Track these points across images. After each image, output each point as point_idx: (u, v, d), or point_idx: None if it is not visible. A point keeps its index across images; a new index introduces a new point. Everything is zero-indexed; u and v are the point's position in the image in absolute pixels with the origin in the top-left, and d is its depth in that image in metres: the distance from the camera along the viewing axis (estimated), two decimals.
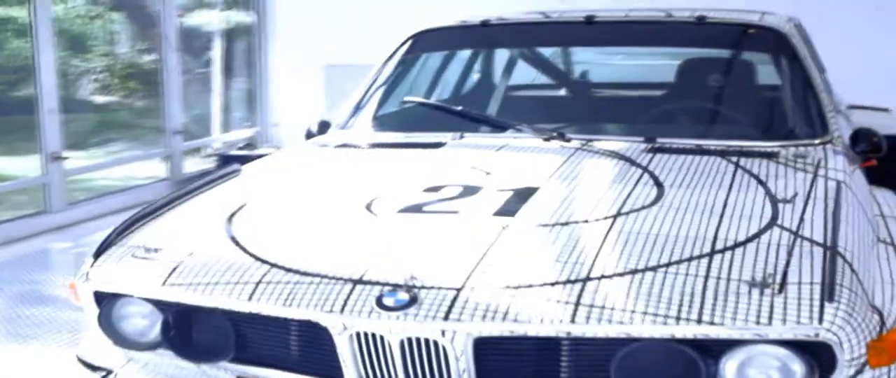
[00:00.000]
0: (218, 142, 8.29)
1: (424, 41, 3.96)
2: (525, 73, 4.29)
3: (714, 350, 1.97)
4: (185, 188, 2.84)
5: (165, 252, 2.37)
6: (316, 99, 8.42)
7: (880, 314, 2.01)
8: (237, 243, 2.37)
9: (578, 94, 4.25)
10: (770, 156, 3.01)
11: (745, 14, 3.76)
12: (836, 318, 1.92)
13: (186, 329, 2.27)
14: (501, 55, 4.23)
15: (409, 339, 2.02)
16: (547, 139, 3.19)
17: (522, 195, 2.58)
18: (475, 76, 4.28)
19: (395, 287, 2.07)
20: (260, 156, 3.15)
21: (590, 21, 3.71)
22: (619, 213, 2.44)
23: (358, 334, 2.05)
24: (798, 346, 1.95)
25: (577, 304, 1.99)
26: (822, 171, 2.85)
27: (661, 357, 1.98)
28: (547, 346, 2.01)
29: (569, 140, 3.16)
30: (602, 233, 2.31)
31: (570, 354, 2.02)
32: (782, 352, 1.96)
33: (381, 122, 3.67)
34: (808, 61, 3.51)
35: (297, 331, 2.16)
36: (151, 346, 2.34)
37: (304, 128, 7.92)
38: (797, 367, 1.95)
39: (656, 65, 4.87)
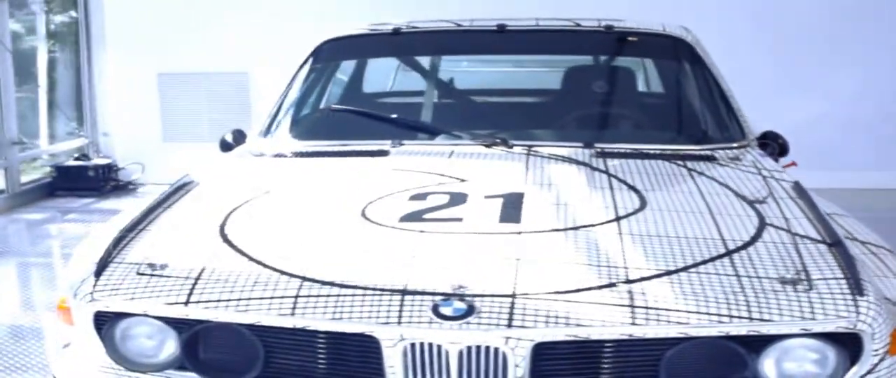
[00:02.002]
0: (47, 153, 7.85)
1: (333, 49, 3.89)
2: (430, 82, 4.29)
3: (755, 345, 2.05)
4: (147, 203, 2.70)
5: (174, 268, 2.24)
6: (149, 108, 8.12)
7: (895, 305, 2.15)
8: (250, 257, 2.27)
9: (504, 101, 4.29)
10: (708, 159, 3.16)
11: (646, 25, 3.91)
12: (869, 311, 2.05)
13: (208, 348, 2.16)
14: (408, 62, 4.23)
15: (469, 348, 2.00)
16: (488, 145, 3.21)
17: (513, 202, 2.59)
18: (390, 83, 4.25)
19: (448, 296, 2.05)
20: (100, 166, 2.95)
21: (502, 29, 3.77)
22: (618, 217, 2.50)
23: (413, 345, 2.01)
24: (830, 338, 2.06)
25: (633, 306, 2.03)
26: (765, 173, 3.01)
27: (709, 354, 2.05)
28: (598, 348, 2.04)
29: (511, 146, 3.20)
30: (615, 236, 2.36)
31: (620, 355, 2.05)
32: (816, 344, 2.07)
33: (306, 130, 3.58)
34: (715, 68, 3.71)
35: (333, 344, 2.09)
36: (160, 368, 2.20)
37: (135, 138, 7.67)
38: (831, 357, 2.07)
39: (535, 72, 4.99)
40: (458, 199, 2.62)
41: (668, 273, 2.15)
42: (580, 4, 4.72)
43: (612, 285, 2.09)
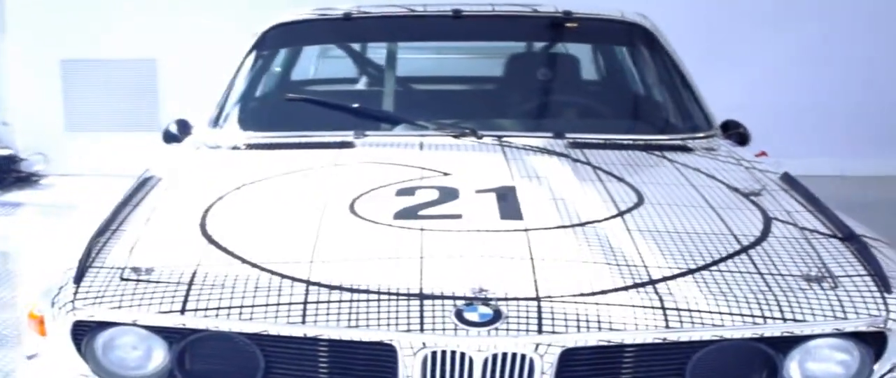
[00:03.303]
0: None
1: (281, 34, 3.71)
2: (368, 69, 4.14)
3: (782, 346, 1.98)
4: (112, 201, 2.49)
5: (161, 273, 2.05)
6: (52, 96, 7.73)
7: None
8: (243, 259, 2.10)
9: (469, 88, 4.16)
10: (684, 149, 3.09)
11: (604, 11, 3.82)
12: None
13: (201, 359, 1.99)
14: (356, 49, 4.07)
15: (494, 356, 1.87)
16: (457, 136, 3.09)
17: (507, 196, 2.47)
18: (344, 70, 4.08)
19: (471, 301, 1.91)
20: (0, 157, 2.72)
21: (457, 15, 3.64)
22: (621, 212, 2.40)
23: (435, 353, 1.87)
24: (855, 336, 1.99)
25: (664, 308, 1.93)
26: (746, 163, 2.96)
27: (736, 356, 1.99)
28: (625, 352, 1.94)
29: (480, 137, 3.07)
30: (624, 232, 2.27)
31: (646, 359, 1.95)
32: (842, 343, 2.01)
33: (259, 121, 3.40)
34: (676, 55, 3.64)
35: (341, 354, 1.94)
36: None
37: (37, 127, 7.31)
38: (855, 356, 2.01)
39: (459, 59, 4.84)
40: (448, 194, 2.49)
41: (691, 272, 2.07)
42: None
43: (638, 286, 2.00)
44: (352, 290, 1.95)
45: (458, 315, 1.89)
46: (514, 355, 1.87)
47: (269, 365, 1.96)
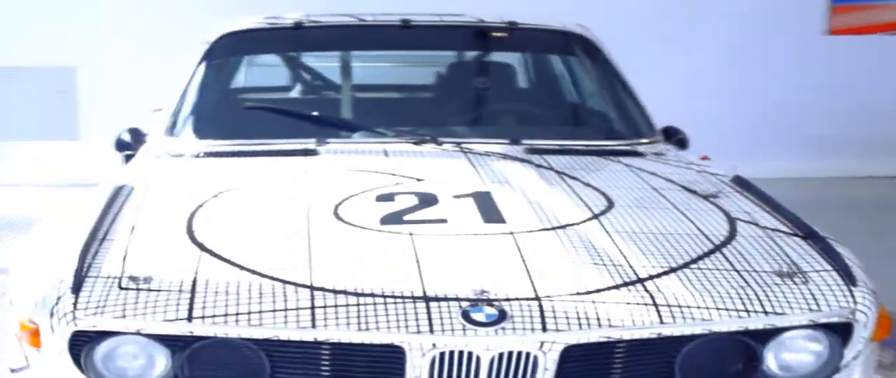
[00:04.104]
0: None
1: (234, 42, 3.72)
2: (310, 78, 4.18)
3: (762, 338, 2.11)
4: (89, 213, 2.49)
5: (160, 281, 2.07)
6: None
7: (874, 293, 2.25)
8: (241, 266, 2.13)
9: (421, 97, 4.22)
10: (636, 154, 3.22)
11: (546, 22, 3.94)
12: (864, 300, 2.16)
13: (204, 366, 2.02)
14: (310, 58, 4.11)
15: (500, 355, 1.95)
16: (417, 143, 3.16)
17: (485, 201, 2.55)
18: (296, 79, 4.11)
19: (475, 302, 1.99)
20: None
21: (406, 25, 3.72)
22: (596, 215, 2.50)
23: (443, 354, 1.94)
24: (824, 327, 2.14)
25: (657, 304, 2.03)
26: (696, 167, 3.10)
27: (720, 348, 2.11)
28: (620, 347, 2.03)
29: (440, 143, 3.15)
30: (603, 234, 2.37)
31: (639, 353, 2.05)
32: (813, 333, 2.15)
33: (218, 129, 3.40)
34: (617, 64, 3.78)
35: (348, 357, 1.99)
36: None
37: None
38: (825, 345, 2.15)
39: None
40: (427, 199, 2.56)
41: (673, 270, 2.18)
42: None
43: (628, 284, 2.10)
44: (357, 294, 2.01)
45: (465, 316, 1.96)
46: (519, 353, 1.95)
47: (275, 370, 2.00)
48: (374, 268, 2.15)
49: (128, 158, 3.46)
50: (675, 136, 3.58)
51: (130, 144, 3.46)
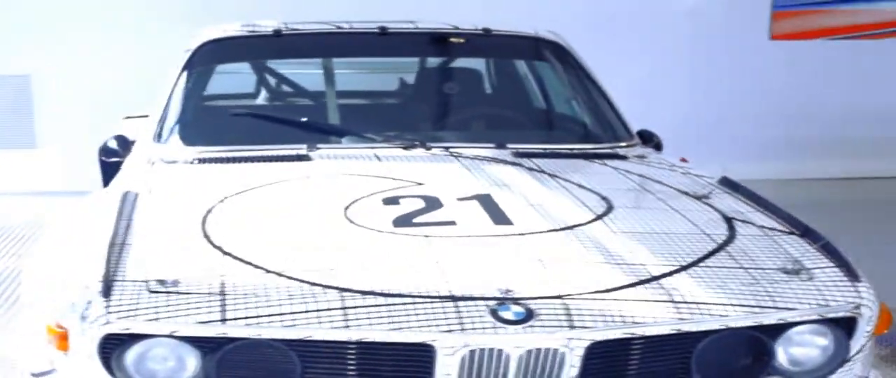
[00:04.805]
0: None
1: (214, 50, 3.73)
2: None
3: (772, 333, 2.19)
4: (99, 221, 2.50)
5: (188, 284, 2.09)
6: None
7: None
8: (266, 269, 2.16)
9: (408, 101, 4.25)
10: (620, 157, 3.30)
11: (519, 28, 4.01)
12: (868, 294, 2.24)
13: (235, 367, 2.04)
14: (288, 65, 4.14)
15: (529, 352, 2.00)
16: (407, 147, 3.21)
17: (488, 203, 2.61)
18: (278, 86, 4.13)
19: (502, 301, 2.04)
20: None
21: (383, 32, 3.76)
22: (599, 216, 2.57)
23: (473, 352, 1.99)
24: (830, 322, 2.22)
25: (674, 301, 2.10)
26: (680, 169, 3.19)
27: (734, 344, 2.18)
28: (639, 344, 2.10)
29: (429, 148, 3.20)
30: (610, 234, 2.43)
31: (656, 349, 2.12)
32: (820, 328, 2.23)
33: (210, 135, 3.42)
34: (590, 69, 3.86)
35: (373, 355, 2.03)
36: None
37: None
38: (831, 338, 2.24)
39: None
40: (432, 202, 2.61)
41: (684, 268, 2.25)
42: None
43: (644, 282, 2.16)
44: (386, 295, 2.05)
45: (494, 314, 2.01)
46: (547, 350, 2.01)
47: (305, 370, 2.03)
48: (398, 269, 2.19)
49: (112, 166, 3.46)
50: (651, 140, 3.67)
51: (118, 151, 3.46)
